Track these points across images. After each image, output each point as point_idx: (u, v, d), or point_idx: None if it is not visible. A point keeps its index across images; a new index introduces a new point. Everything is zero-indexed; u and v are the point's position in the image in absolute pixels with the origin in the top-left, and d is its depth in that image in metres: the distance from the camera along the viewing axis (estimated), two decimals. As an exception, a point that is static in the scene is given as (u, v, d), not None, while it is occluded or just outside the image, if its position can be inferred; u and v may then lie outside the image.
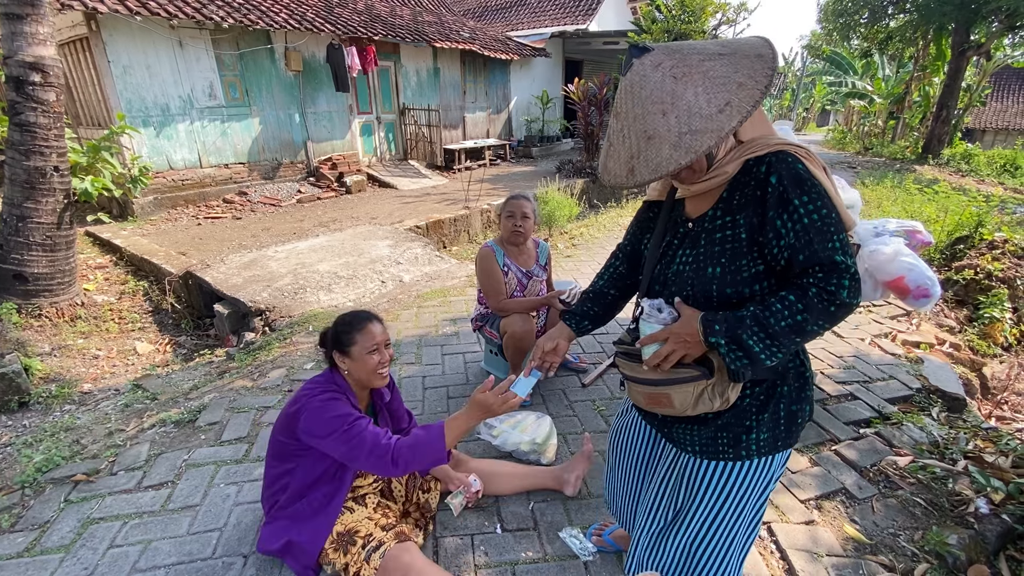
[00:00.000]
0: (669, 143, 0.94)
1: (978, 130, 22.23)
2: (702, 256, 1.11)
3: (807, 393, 1.14)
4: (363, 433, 1.53)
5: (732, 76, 0.94)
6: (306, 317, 4.03)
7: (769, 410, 1.11)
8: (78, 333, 4.48)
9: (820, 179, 1.00)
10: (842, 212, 1.01)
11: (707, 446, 1.17)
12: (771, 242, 1.02)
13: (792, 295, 0.99)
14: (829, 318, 0.98)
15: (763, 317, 0.99)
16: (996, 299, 4.29)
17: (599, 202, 9.30)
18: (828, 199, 1.00)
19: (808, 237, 0.98)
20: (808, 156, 1.03)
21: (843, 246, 0.98)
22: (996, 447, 2.40)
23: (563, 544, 1.87)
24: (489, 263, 2.66)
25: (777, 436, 1.13)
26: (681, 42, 1.03)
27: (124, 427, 2.70)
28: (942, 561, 1.82)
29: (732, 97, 0.92)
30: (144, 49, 6.96)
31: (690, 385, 1.08)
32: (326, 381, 1.67)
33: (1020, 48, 17.50)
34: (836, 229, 0.99)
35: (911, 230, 2.29)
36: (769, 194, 1.01)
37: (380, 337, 1.66)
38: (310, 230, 6.66)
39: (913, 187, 8.24)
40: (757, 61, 0.95)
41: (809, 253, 0.98)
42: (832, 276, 0.97)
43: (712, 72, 0.94)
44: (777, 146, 1.03)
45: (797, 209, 0.99)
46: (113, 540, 1.91)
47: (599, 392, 2.88)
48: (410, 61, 10.78)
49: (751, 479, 1.17)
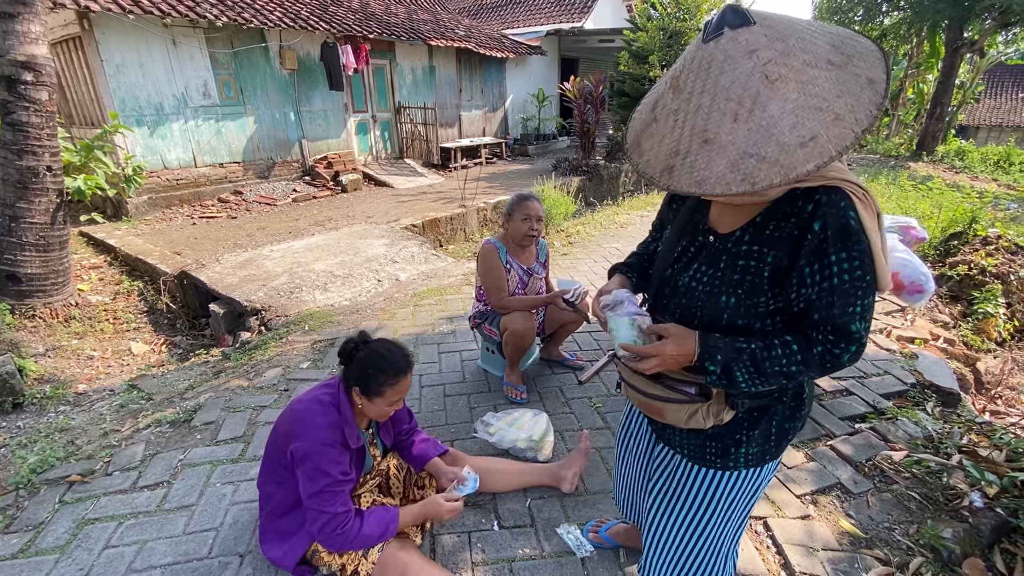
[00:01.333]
0: (728, 160, 0.79)
1: (972, 127, 22.34)
2: (718, 281, 1.02)
3: (802, 412, 1.11)
4: (331, 506, 1.51)
5: (833, 101, 0.77)
6: (302, 316, 4.02)
7: (761, 427, 1.08)
8: (72, 334, 4.45)
9: (869, 232, 0.89)
10: (880, 271, 0.91)
11: (696, 452, 1.15)
12: (793, 287, 0.95)
13: (796, 345, 0.93)
14: (822, 373, 0.96)
15: (760, 358, 0.94)
16: (990, 295, 4.31)
17: (595, 200, 9.30)
18: (869, 258, 0.89)
19: (831, 298, 0.90)
20: (864, 199, 0.90)
21: (864, 311, 0.91)
22: (990, 441, 2.42)
23: (560, 541, 1.87)
24: (493, 260, 2.65)
25: (766, 451, 1.11)
26: (792, 23, 0.82)
27: (119, 427, 2.69)
28: (937, 555, 1.83)
29: (822, 132, 0.75)
30: (137, 48, 6.91)
31: (684, 406, 1.05)
32: (329, 405, 1.59)
33: (1013, 45, 17.61)
34: (864, 293, 0.90)
35: (905, 226, 2.31)
36: (808, 241, 0.90)
37: (407, 390, 1.62)
38: (306, 229, 6.64)
39: (907, 184, 8.28)
40: (867, 88, 0.78)
41: (826, 314, 0.91)
42: (841, 341, 0.92)
43: (813, 86, 0.77)
44: (834, 181, 0.88)
45: (831, 265, 0.89)
46: (108, 540, 1.90)
47: (596, 389, 2.89)
48: (405, 59, 10.75)
49: (738, 489, 1.15)
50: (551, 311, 2.88)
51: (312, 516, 1.52)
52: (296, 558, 1.63)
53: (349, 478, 1.58)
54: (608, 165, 10.52)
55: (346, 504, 1.55)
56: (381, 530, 1.58)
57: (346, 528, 1.52)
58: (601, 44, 14.24)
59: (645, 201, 8.63)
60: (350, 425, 1.60)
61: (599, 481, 2.18)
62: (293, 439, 1.55)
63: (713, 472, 1.14)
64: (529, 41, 13.73)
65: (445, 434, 2.50)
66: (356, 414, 1.64)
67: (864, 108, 0.76)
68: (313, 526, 1.53)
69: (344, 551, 1.57)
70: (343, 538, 1.52)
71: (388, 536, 1.59)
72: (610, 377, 3.00)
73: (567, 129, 13.84)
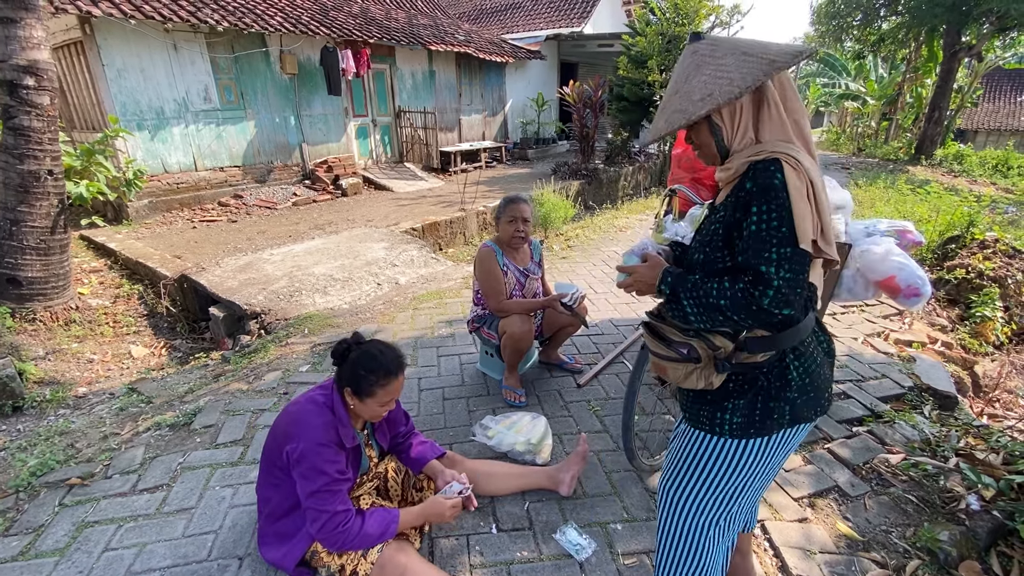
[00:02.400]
0: (665, 116, 1.16)
1: (970, 131, 22.40)
2: (696, 243, 1.25)
3: (789, 395, 1.18)
4: (331, 505, 1.52)
5: (729, 72, 1.08)
6: (301, 319, 4.03)
7: (747, 398, 1.19)
8: (72, 337, 4.46)
9: (792, 191, 1.03)
10: (799, 227, 1.03)
11: (693, 415, 1.29)
12: (736, 241, 1.12)
13: (727, 282, 1.10)
14: (750, 315, 1.07)
15: (698, 286, 1.13)
16: (987, 298, 4.33)
17: (595, 204, 9.33)
18: (787, 213, 1.03)
19: (750, 243, 1.07)
20: (798, 167, 1.06)
21: (780, 260, 1.03)
22: (987, 444, 2.43)
23: (558, 544, 1.88)
24: (490, 263, 2.67)
25: (750, 424, 1.19)
26: (733, 40, 1.17)
27: (119, 431, 2.69)
28: (934, 557, 1.84)
29: (716, 90, 1.08)
30: (138, 52, 6.95)
31: (681, 364, 1.21)
32: (324, 406, 1.61)
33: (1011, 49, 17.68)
34: (779, 242, 1.04)
35: (901, 230, 2.32)
36: (741, 198, 1.10)
37: (399, 391, 1.64)
38: (306, 233, 6.66)
39: (905, 187, 8.31)
40: (764, 64, 1.06)
41: (746, 258, 1.08)
42: (759, 283, 1.05)
43: (722, 66, 1.09)
44: (773, 153, 1.07)
45: (751, 216, 1.07)
46: (108, 543, 1.90)
47: (594, 392, 2.89)
48: (405, 64, 10.79)
49: (721, 456, 1.25)
50: (549, 314, 2.89)
51: (312, 516, 1.53)
52: (295, 559, 1.63)
53: (346, 477, 1.59)
54: (607, 169, 10.55)
55: (345, 503, 1.56)
56: (382, 529, 1.59)
57: (347, 526, 1.53)
58: (600, 49, 14.30)
59: (644, 205, 8.65)
60: (344, 425, 1.61)
61: (597, 484, 2.19)
62: (289, 440, 1.56)
63: (703, 434, 1.27)
64: (528, 46, 13.79)
65: (444, 437, 2.51)
66: (350, 414, 1.65)
67: (751, 73, 1.06)
68: (313, 526, 1.53)
69: (344, 551, 1.57)
70: (344, 536, 1.52)
71: (388, 536, 1.60)
72: (609, 381, 3.01)
73: (566, 133, 13.88)
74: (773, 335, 1.14)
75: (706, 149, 1.20)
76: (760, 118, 1.13)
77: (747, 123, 1.13)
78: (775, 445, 1.23)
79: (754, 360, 1.16)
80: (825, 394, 1.23)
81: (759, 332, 1.14)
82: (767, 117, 1.12)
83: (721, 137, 1.16)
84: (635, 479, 2.22)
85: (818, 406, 1.21)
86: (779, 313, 1.04)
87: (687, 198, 2.83)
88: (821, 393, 1.21)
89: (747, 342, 1.15)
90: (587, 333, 3.55)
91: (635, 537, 1.92)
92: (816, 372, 1.20)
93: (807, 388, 1.19)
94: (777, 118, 1.12)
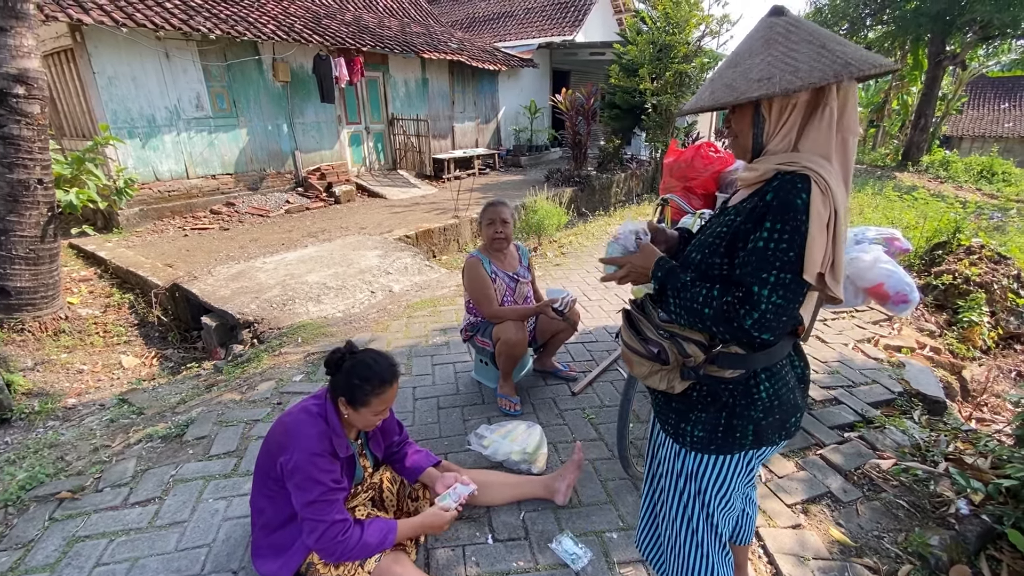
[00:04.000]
0: (712, 88, 1.06)
1: (956, 137, 22.78)
2: (698, 242, 1.19)
3: (754, 414, 1.14)
4: (328, 515, 1.52)
5: (800, 63, 0.97)
6: (295, 328, 4.01)
7: (710, 412, 1.17)
8: (62, 347, 4.41)
9: (813, 216, 0.96)
10: (808, 259, 0.96)
11: (662, 418, 1.30)
12: (739, 252, 1.06)
13: (716, 291, 1.06)
14: (729, 331, 1.04)
15: (688, 288, 1.10)
16: (974, 303, 4.39)
17: (587, 211, 9.38)
18: (800, 238, 0.97)
19: (751, 258, 1.01)
20: (826, 192, 0.97)
21: (776, 284, 0.98)
22: (975, 449, 2.46)
23: (554, 554, 1.88)
24: (477, 271, 2.68)
25: (712, 440, 1.18)
26: (811, 23, 1.06)
27: (110, 443, 2.67)
28: (924, 562, 1.86)
29: (778, 75, 0.97)
30: (130, 60, 6.93)
31: (648, 362, 1.20)
32: (317, 416, 1.60)
33: (994, 58, 18.05)
34: (781, 266, 0.98)
35: (889, 237, 2.36)
36: (758, 208, 1.02)
37: (392, 400, 1.63)
38: (299, 241, 6.64)
39: (893, 194, 8.44)
40: (838, 64, 0.95)
41: (742, 272, 1.03)
42: (746, 302, 1.00)
43: (793, 51, 0.99)
44: (805, 168, 0.98)
45: (762, 231, 1.00)
46: (100, 558, 1.88)
47: (589, 400, 2.90)
48: (398, 72, 10.83)
49: (685, 470, 1.26)
50: (542, 321, 2.90)
51: (309, 527, 1.52)
52: (291, 571, 1.62)
53: (342, 487, 1.59)
54: (600, 176, 10.62)
55: (342, 513, 1.56)
56: (380, 539, 1.59)
57: (346, 536, 1.52)
58: (592, 57, 14.42)
59: (636, 211, 8.71)
60: (338, 435, 1.61)
61: (593, 493, 2.19)
62: (283, 451, 1.56)
63: (671, 443, 1.28)
64: (521, 54, 13.89)
65: (439, 447, 2.50)
66: (344, 424, 1.65)
67: (821, 71, 0.95)
68: (311, 537, 1.53)
69: (341, 561, 1.56)
70: (343, 546, 1.52)
71: (386, 546, 1.60)
72: (604, 389, 3.02)
73: (559, 140, 13.96)
74: (746, 354, 1.11)
75: (742, 139, 1.10)
76: (809, 123, 1.02)
77: (793, 124, 1.03)
78: (736, 467, 1.22)
79: (721, 375, 1.12)
80: (791, 418, 1.19)
81: (733, 348, 1.11)
82: (816, 125, 1.01)
83: (762, 130, 1.06)
84: (630, 487, 2.22)
85: (783, 430, 1.18)
86: (758, 337, 1.01)
87: (679, 207, 2.86)
88: (787, 417, 1.18)
89: (718, 356, 1.12)
90: (581, 340, 3.57)
91: (631, 546, 1.92)
92: (785, 396, 1.16)
93: (773, 410, 1.15)
94: (826, 130, 1.01)
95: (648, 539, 1.52)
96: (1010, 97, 23.28)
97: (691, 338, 1.15)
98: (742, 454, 1.20)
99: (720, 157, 2.88)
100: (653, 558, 1.51)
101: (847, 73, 0.95)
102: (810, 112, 1.02)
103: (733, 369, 1.12)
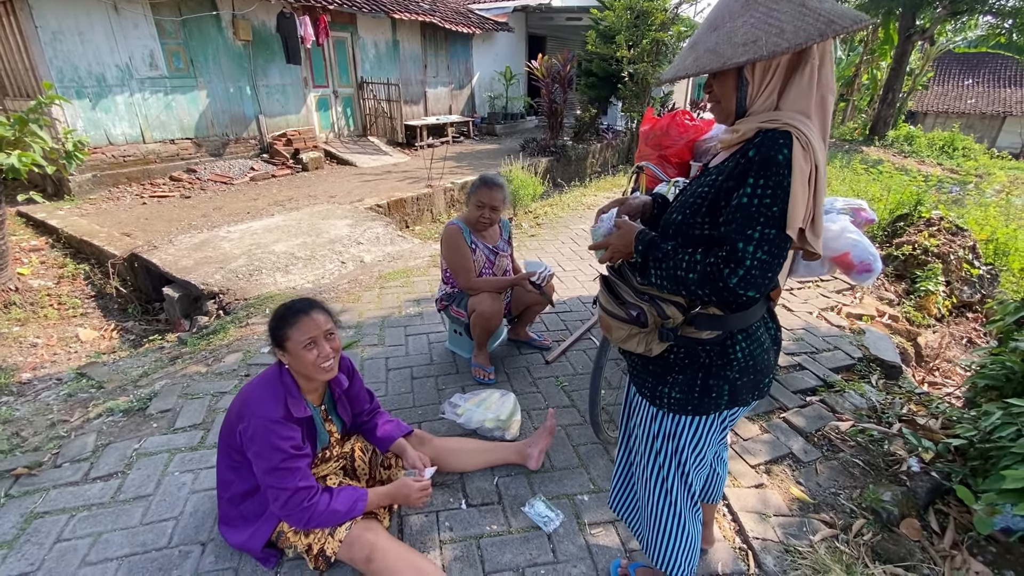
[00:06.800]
0: (695, 54, 1.03)
1: (920, 113, 23.29)
2: (678, 203, 1.18)
3: (730, 374, 1.17)
4: (290, 482, 1.50)
5: (785, 23, 0.95)
6: (262, 299, 3.90)
7: (687, 374, 1.19)
8: (13, 320, 4.20)
9: (795, 171, 0.96)
10: (792, 211, 0.96)
11: (638, 381, 1.31)
12: (721, 210, 1.06)
13: (699, 255, 1.05)
14: (715, 292, 1.03)
15: (670, 256, 1.09)
16: (931, 273, 4.57)
17: (563, 181, 9.30)
18: (783, 192, 0.96)
19: (735, 215, 1.00)
20: (807, 147, 0.97)
21: (760, 240, 0.97)
22: (928, 410, 2.59)
23: (527, 517, 1.91)
24: (456, 241, 2.62)
25: (688, 401, 1.21)
26: None
27: (68, 418, 2.57)
28: (877, 516, 1.96)
29: (763, 38, 0.95)
30: (75, 14, 6.42)
31: (627, 326, 1.20)
32: (273, 380, 1.59)
33: (961, 33, 18.37)
34: (766, 221, 0.97)
35: (856, 208, 2.40)
36: (741, 165, 1.02)
37: (317, 330, 1.54)
38: (265, 209, 6.41)
39: (860, 167, 8.61)
40: (822, 22, 0.93)
41: (727, 230, 1.01)
42: (731, 260, 0.99)
43: (775, 12, 0.96)
44: (786, 125, 0.98)
45: (745, 187, 0.99)
46: (60, 534, 1.83)
47: (562, 368, 2.93)
48: (368, 33, 10.37)
49: (661, 429, 1.29)
50: (517, 292, 2.88)
51: (272, 494, 1.51)
52: (262, 541, 1.61)
53: (303, 452, 1.57)
54: (576, 146, 10.51)
55: (307, 479, 1.54)
56: (349, 506, 1.58)
57: (312, 502, 1.51)
58: (569, 22, 14.07)
59: (612, 183, 8.69)
60: (293, 396, 1.58)
61: (565, 457, 2.23)
62: (240, 420, 1.54)
63: (647, 404, 1.30)
64: (496, 17, 13.44)
65: (412, 416, 2.50)
66: (300, 385, 1.62)
67: (806, 31, 0.94)
68: (275, 504, 1.51)
69: (311, 528, 1.55)
70: (310, 513, 1.50)
71: (356, 514, 1.59)
72: (576, 357, 3.05)
73: (535, 109, 13.70)
74: (724, 316, 1.12)
75: (725, 104, 1.08)
76: (790, 82, 1.01)
77: (776, 85, 1.02)
78: (711, 426, 1.25)
79: (699, 336, 1.14)
80: (765, 379, 1.22)
81: (711, 310, 1.12)
82: (797, 83, 1.01)
83: (745, 93, 1.04)
84: (601, 451, 2.27)
85: (756, 390, 1.22)
86: (743, 295, 1.00)
87: (654, 175, 2.84)
88: (761, 377, 1.21)
89: (696, 318, 1.13)
90: (555, 311, 3.58)
91: (601, 508, 1.97)
92: (760, 356, 1.19)
93: (748, 370, 1.18)
94: (807, 88, 1.01)
95: (623, 499, 1.56)
96: (974, 73, 23.82)
97: (670, 299, 1.15)
98: (717, 414, 1.24)
99: (695, 126, 2.86)
100: (627, 516, 1.55)
101: (831, 31, 0.93)
102: (791, 71, 1.01)
103: (710, 331, 1.13)
